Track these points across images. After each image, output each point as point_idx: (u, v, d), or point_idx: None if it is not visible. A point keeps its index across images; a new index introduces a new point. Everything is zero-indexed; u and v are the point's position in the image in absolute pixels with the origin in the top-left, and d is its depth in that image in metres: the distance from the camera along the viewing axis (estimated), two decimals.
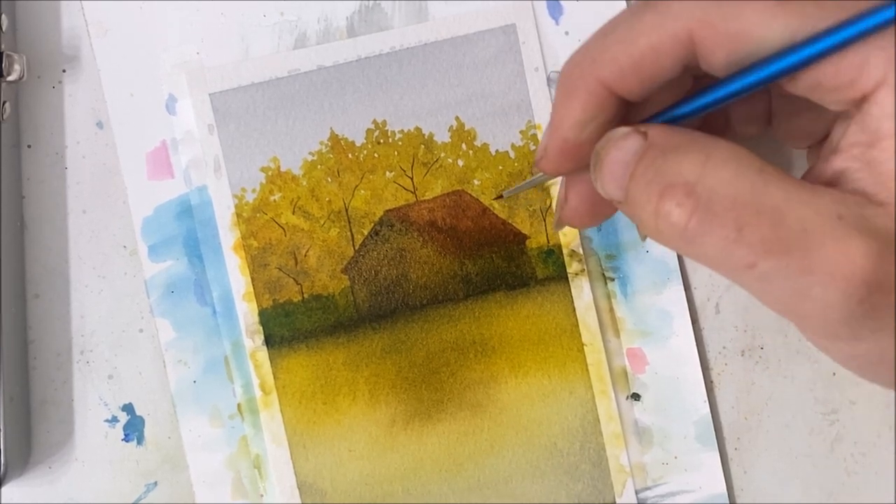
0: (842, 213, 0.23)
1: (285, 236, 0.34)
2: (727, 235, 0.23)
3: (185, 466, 0.34)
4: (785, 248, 0.23)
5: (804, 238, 0.22)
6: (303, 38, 0.34)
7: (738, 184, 0.23)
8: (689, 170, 0.23)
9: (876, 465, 0.36)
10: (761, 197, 0.23)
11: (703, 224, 0.23)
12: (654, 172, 0.24)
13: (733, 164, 0.23)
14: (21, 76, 0.32)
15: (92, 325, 0.34)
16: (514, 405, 0.34)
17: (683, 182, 0.23)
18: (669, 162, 0.24)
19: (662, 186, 0.24)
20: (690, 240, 0.24)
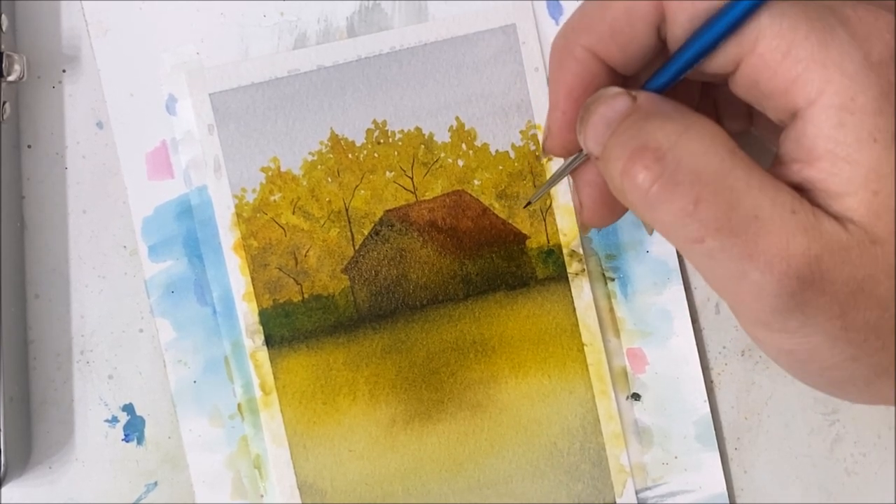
0: (796, 209, 0.23)
1: (285, 236, 0.34)
2: (684, 207, 0.24)
3: (185, 466, 0.34)
4: (734, 230, 0.23)
5: (754, 224, 0.23)
6: (303, 39, 0.34)
7: (707, 160, 0.24)
8: (664, 136, 0.24)
9: (876, 465, 0.36)
10: (724, 177, 0.23)
11: (664, 191, 0.24)
12: (633, 133, 0.25)
13: (707, 141, 0.24)
14: (21, 76, 0.32)
15: (92, 325, 0.34)
16: (514, 405, 0.34)
17: (656, 147, 0.24)
18: (649, 125, 0.25)
19: (635, 147, 0.24)
20: (650, 204, 0.24)
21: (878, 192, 0.23)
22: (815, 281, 0.23)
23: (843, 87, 0.23)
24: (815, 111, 0.23)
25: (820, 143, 0.23)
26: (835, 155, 0.23)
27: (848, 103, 0.23)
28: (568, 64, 0.26)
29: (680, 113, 0.25)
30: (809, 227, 0.23)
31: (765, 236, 0.23)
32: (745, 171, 0.24)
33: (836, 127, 0.23)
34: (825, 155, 0.23)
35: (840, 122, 0.23)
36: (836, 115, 0.23)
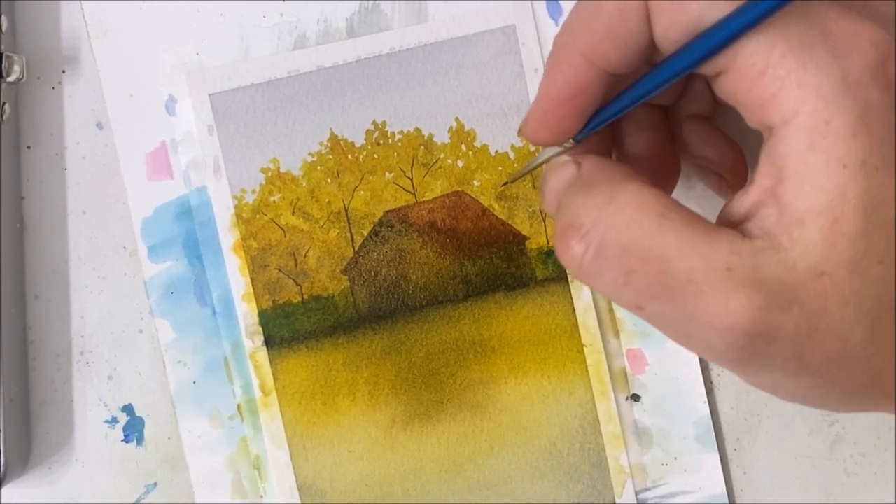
0: (732, 265, 0.23)
1: (285, 237, 0.34)
2: (616, 279, 0.24)
3: (184, 467, 0.34)
4: (669, 296, 0.23)
5: (689, 287, 0.23)
6: (302, 39, 0.34)
7: (632, 230, 0.24)
8: (587, 213, 0.25)
9: (876, 465, 0.36)
10: (653, 245, 0.24)
11: (594, 265, 0.24)
12: (564, 209, 0.25)
13: (633, 209, 0.24)
14: (21, 77, 0.32)
15: (92, 326, 0.34)
16: (513, 406, 0.34)
17: (579, 224, 0.25)
18: (577, 201, 0.25)
19: (564, 223, 0.25)
20: (585, 276, 0.25)
21: (839, 220, 0.22)
22: (760, 332, 0.23)
23: (818, 108, 0.22)
24: (789, 131, 0.23)
25: (790, 163, 0.23)
26: (802, 178, 0.23)
27: (821, 126, 0.22)
28: (562, 68, 0.26)
29: (609, 182, 0.25)
30: (748, 279, 0.23)
31: (702, 298, 0.23)
32: (675, 235, 0.23)
33: (807, 149, 0.22)
34: (793, 176, 0.23)
35: (811, 144, 0.22)
36: (809, 137, 0.22)
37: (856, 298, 0.23)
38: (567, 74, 0.26)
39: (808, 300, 0.23)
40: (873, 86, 0.22)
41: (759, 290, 0.23)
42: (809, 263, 0.23)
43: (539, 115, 0.27)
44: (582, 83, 0.26)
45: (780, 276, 0.23)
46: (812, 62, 0.22)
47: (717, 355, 0.24)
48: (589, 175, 0.26)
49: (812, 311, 0.23)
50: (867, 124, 0.22)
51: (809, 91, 0.22)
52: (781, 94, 0.23)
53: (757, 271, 0.23)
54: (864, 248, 0.22)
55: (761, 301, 0.23)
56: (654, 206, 0.24)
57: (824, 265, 0.22)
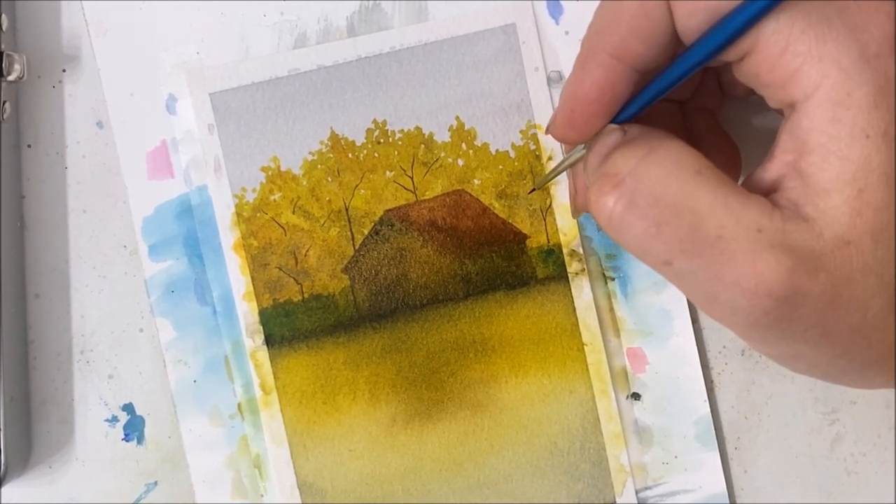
0: (763, 227, 0.23)
1: (285, 236, 0.34)
2: (646, 230, 0.24)
3: (185, 466, 0.34)
4: (698, 252, 0.23)
5: (719, 245, 0.23)
6: (303, 38, 0.34)
7: (667, 182, 0.24)
8: (624, 162, 0.25)
9: (876, 465, 0.36)
10: (686, 198, 0.24)
11: (625, 214, 0.24)
12: (604, 162, 0.25)
13: (670, 163, 0.24)
14: (21, 76, 0.32)
15: (92, 325, 0.34)
16: (514, 405, 0.34)
17: (615, 172, 0.25)
18: (616, 153, 0.25)
19: (601, 174, 0.25)
20: (616, 228, 0.25)
21: (864, 190, 0.23)
22: (788, 296, 0.23)
23: (839, 81, 0.23)
24: (811, 105, 0.23)
25: (813, 136, 0.23)
26: (826, 150, 0.23)
27: (843, 98, 0.23)
28: (590, 68, 0.26)
29: (649, 138, 0.25)
30: (777, 242, 0.23)
31: (730, 256, 0.23)
32: (709, 192, 0.24)
33: (831, 122, 0.23)
34: (817, 149, 0.23)
35: (834, 116, 0.23)
36: (832, 109, 0.23)
37: (878, 268, 0.23)
38: (596, 74, 0.26)
39: (833, 268, 0.23)
40: (892, 57, 0.23)
41: (787, 254, 0.23)
42: (836, 232, 0.23)
43: (567, 114, 0.27)
44: (610, 81, 0.26)
45: (808, 243, 0.23)
46: (831, 36, 0.23)
47: (741, 319, 0.24)
48: (632, 136, 0.26)
49: (837, 279, 0.23)
50: (888, 95, 0.23)
51: (830, 64, 0.23)
52: (803, 70, 0.23)
53: (786, 236, 0.23)
54: (887, 218, 0.23)
55: (790, 264, 0.23)
56: (692, 162, 0.24)
57: (850, 234, 0.23)
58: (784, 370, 0.35)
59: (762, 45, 0.23)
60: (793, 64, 0.23)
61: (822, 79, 0.23)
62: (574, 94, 0.27)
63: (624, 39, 0.25)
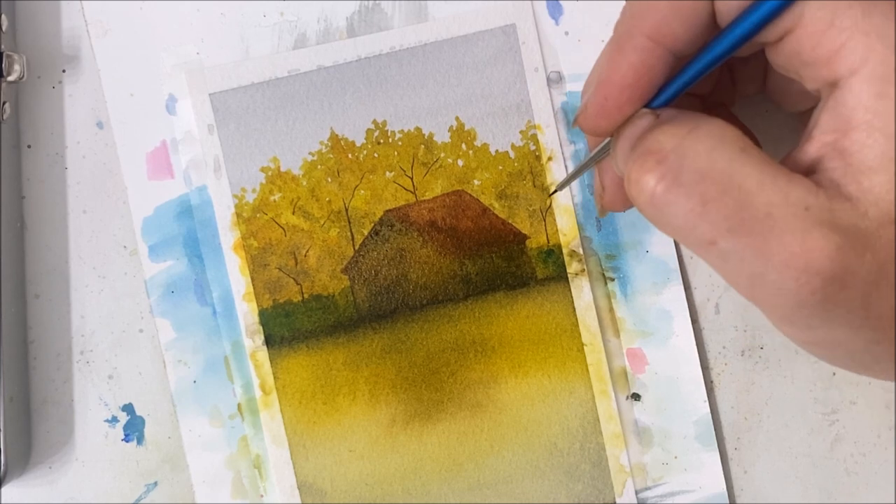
0: (810, 204, 0.23)
1: (285, 236, 0.34)
2: (692, 208, 0.23)
3: (185, 466, 0.34)
4: (746, 230, 0.23)
5: (767, 223, 0.23)
6: (303, 39, 0.34)
7: (713, 158, 0.23)
8: (667, 139, 0.24)
9: (876, 465, 0.36)
10: (733, 175, 0.23)
11: (669, 192, 0.24)
12: (642, 142, 0.25)
13: (715, 140, 0.24)
14: (21, 76, 0.32)
15: (92, 325, 0.34)
16: (514, 405, 0.34)
17: (658, 149, 0.24)
18: (657, 130, 0.24)
19: (641, 151, 0.24)
20: (658, 207, 0.24)
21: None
22: (836, 275, 0.23)
23: (886, 57, 0.22)
24: (857, 81, 0.23)
25: (859, 112, 0.23)
26: (871, 126, 0.23)
27: (890, 74, 0.22)
28: (626, 51, 0.25)
29: (689, 117, 0.25)
30: (825, 220, 0.23)
31: (779, 234, 0.23)
32: (755, 169, 0.23)
33: (876, 97, 0.22)
34: (862, 125, 0.23)
35: (880, 92, 0.22)
36: (878, 85, 0.22)
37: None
38: (632, 58, 0.25)
39: (880, 247, 0.23)
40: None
41: (835, 231, 0.22)
42: (882, 210, 0.22)
43: (600, 102, 0.26)
44: (647, 65, 0.25)
45: (854, 222, 0.23)
46: (877, 10, 0.22)
47: (787, 301, 0.23)
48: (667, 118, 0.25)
49: (883, 259, 0.23)
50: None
51: (876, 39, 0.22)
52: (848, 45, 0.23)
53: (833, 214, 0.23)
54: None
55: (838, 241, 0.22)
56: (737, 139, 0.24)
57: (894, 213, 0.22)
58: (784, 371, 0.35)
59: (806, 22, 0.23)
60: (838, 39, 0.23)
61: (869, 53, 0.22)
62: (609, 79, 0.26)
63: (664, 19, 0.25)
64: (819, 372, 0.36)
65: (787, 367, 0.36)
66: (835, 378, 0.36)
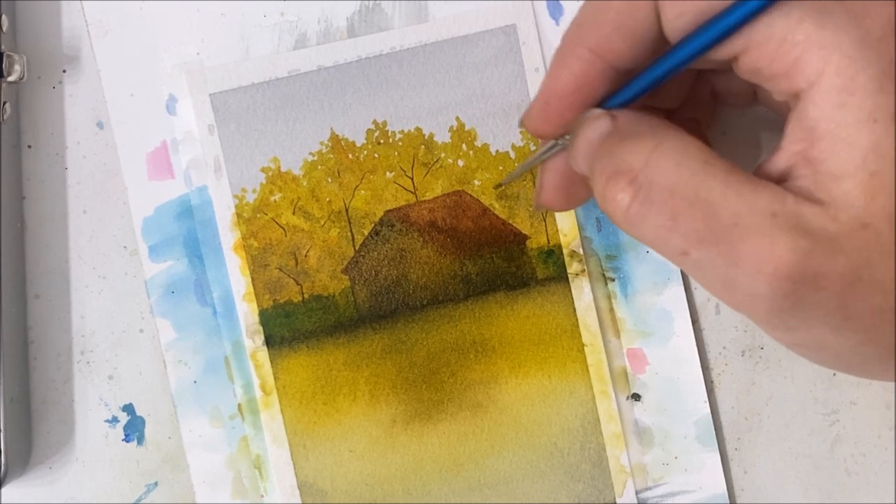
0: (776, 211, 0.23)
1: (286, 236, 0.34)
2: (663, 223, 0.24)
3: (185, 466, 0.34)
4: (715, 240, 0.24)
5: (734, 231, 0.23)
6: (303, 39, 0.34)
7: (679, 174, 0.24)
8: (635, 158, 0.25)
9: (876, 465, 0.36)
10: (699, 189, 0.24)
11: (641, 210, 0.24)
12: (608, 156, 0.25)
13: (678, 155, 0.24)
14: (21, 76, 0.32)
15: (92, 326, 0.34)
16: (514, 405, 0.34)
17: (628, 169, 0.24)
18: (623, 147, 0.25)
19: (611, 171, 0.25)
20: (631, 223, 0.25)
21: (876, 173, 0.23)
22: (806, 279, 0.23)
23: (842, 67, 0.22)
24: (816, 92, 0.23)
25: (821, 123, 0.23)
26: (835, 136, 0.23)
27: (848, 83, 0.22)
28: (570, 62, 0.26)
29: (652, 129, 0.25)
30: (792, 225, 0.23)
31: (747, 242, 0.23)
32: (720, 180, 0.24)
33: (837, 107, 0.23)
34: (826, 136, 0.23)
35: (840, 102, 0.23)
36: (837, 95, 0.23)
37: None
38: (573, 68, 0.26)
39: (852, 250, 0.23)
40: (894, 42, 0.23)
41: (804, 236, 0.23)
42: (852, 215, 0.23)
43: (541, 106, 0.27)
44: (587, 76, 0.26)
45: (824, 226, 0.23)
46: (830, 23, 0.22)
47: (762, 305, 0.24)
48: (628, 125, 0.26)
49: (856, 262, 0.23)
50: (893, 78, 0.22)
51: (831, 50, 0.22)
52: (804, 58, 0.23)
53: (801, 219, 0.23)
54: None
55: (807, 246, 0.23)
56: (699, 153, 0.24)
57: (867, 217, 0.23)
58: (784, 371, 0.35)
59: (759, 40, 0.23)
60: (793, 53, 0.23)
61: (825, 65, 0.23)
62: (551, 87, 0.27)
63: (607, 36, 0.25)
64: (819, 372, 0.36)
65: (787, 367, 0.36)
66: (835, 378, 0.36)
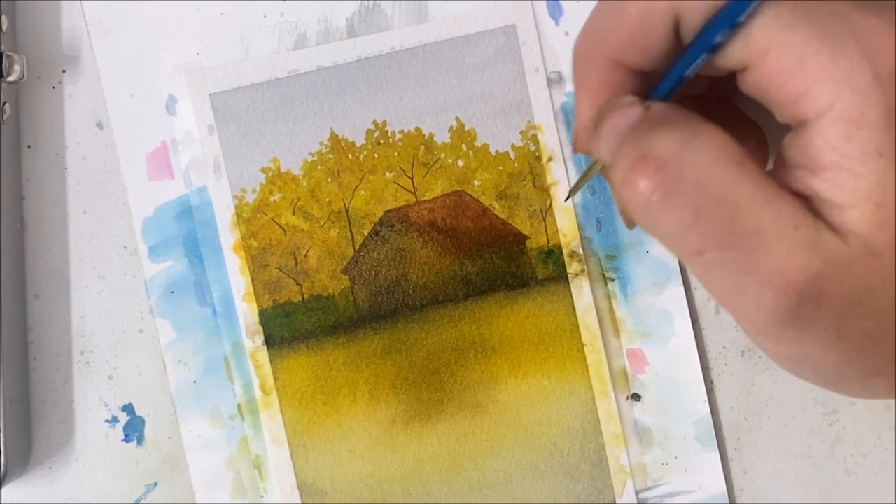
0: (799, 223, 0.23)
1: (285, 237, 0.34)
2: (684, 218, 0.24)
3: (185, 467, 0.34)
4: (734, 244, 0.23)
5: (755, 238, 0.23)
6: (303, 39, 0.34)
7: (712, 170, 0.23)
8: (667, 145, 0.24)
9: (876, 465, 0.36)
10: (729, 188, 0.23)
11: (663, 201, 0.24)
12: (638, 142, 0.25)
13: (714, 151, 0.24)
14: (21, 76, 0.32)
15: (92, 326, 0.34)
16: (514, 405, 0.34)
17: (658, 155, 0.24)
18: (654, 134, 0.24)
19: (638, 155, 0.24)
20: (650, 214, 0.24)
21: (881, 205, 0.23)
22: (813, 297, 0.23)
23: (853, 102, 0.23)
24: (824, 123, 0.23)
25: (826, 154, 0.23)
26: (840, 167, 0.23)
27: (857, 118, 0.23)
28: (590, 73, 0.26)
29: (688, 121, 0.25)
30: (811, 242, 0.23)
31: (765, 252, 0.23)
32: (751, 184, 0.23)
33: (844, 140, 0.23)
34: (831, 166, 0.23)
35: (848, 135, 0.23)
36: (845, 128, 0.23)
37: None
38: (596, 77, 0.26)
39: (860, 276, 0.23)
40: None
41: (819, 256, 0.23)
42: (861, 242, 0.23)
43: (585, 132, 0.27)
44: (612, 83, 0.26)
45: (838, 248, 0.23)
46: (845, 57, 0.23)
47: (764, 314, 0.24)
48: (661, 114, 0.25)
49: (860, 287, 0.23)
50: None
51: (844, 86, 0.23)
52: (816, 89, 0.23)
53: (819, 237, 0.23)
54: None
55: (819, 266, 0.23)
56: (735, 151, 0.24)
57: (875, 246, 0.23)
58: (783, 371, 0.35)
59: (773, 60, 0.23)
60: (806, 82, 0.23)
61: (836, 99, 0.23)
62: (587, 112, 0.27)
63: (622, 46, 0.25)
64: None
65: None
66: None
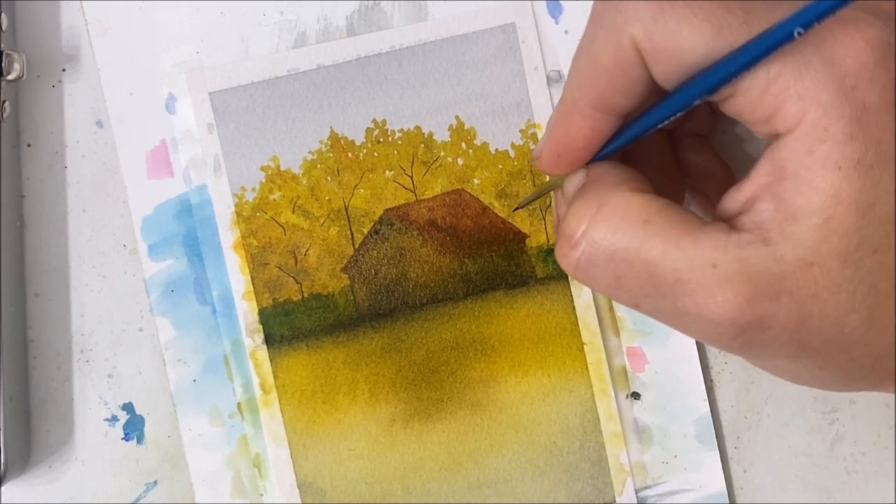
0: (717, 261, 0.24)
1: (285, 235, 0.34)
2: (608, 283, 0.26)
3: (184, 465, 0.34)
4: (660, 294, 0.25)
5: (677, 287, 0.25)
6: (302, 38, 0.34)
7: (618, 238, 0.25)
8: (576, 223, 0.26)
9: (876, 464, 0.36)
10: (638, 250, 0.25)
11: (588, 271, 0.26)
12: (565, 216, 0.27)
13: (618, 218, 0.26)
14: (21, 75, 0.32)
15: (92, 325, 0.34)
16: (513, 404, 0.34)
17: (570, 234, 0.26)
18: (572, 209, 0.27)
19: (560, 233, 0.27)
20: (581, 280, 0.27)
21: (831, 218, 0.23)
22: (752, 323, 0.24)
23: (817, 117, 0.23)
24: (791, 138, 0.24)
25: (790, 165, 0.24)
26: (799, 178, 0.24)
27: (820, 133, 0.23)
28: (574, 120, 0.27)
29: (600, 190, 0.26)
30: (734, 273, 0.24)
31: (691, 295, 0.24)
32: (661, 238, 0.25)
33: (806, 154, 0.24)
34: (791, 176, 0.24)
35: (810, 149, 0.23)
36: (808, 143, 0.24)
37: (849, 286, 0.24)
38: (581, 126, 0.27)
39: (797, 289, 0.24)
40: (871, 86, 0.23)
41: (745, 283, 0.24)
42: (798, 255, 0.24)
43: (553, 158, 0.28)
44: (596, 132, 0.27)
45: (768, 268, 0.24)
46: (808, 74, 0.23)
47: (715, 343, 0.26)
48: (590, 181, 0.27)
49: (802, 299, 0.24)
50: (864, 126, 0.23)
51: (809, 102, 0.23)
52: (784, 108, 0.24)
53: (743, 264, 0.24)
54: (857, 241, 0.24)
55: (748, 293, 0.24)
56: (640, 211, 0.25)
57: (814, 257, 0.24)
58: None
59: (742, 90, 0.24)
60: (773, 103, 0.24)
61: (803, 115, 0.23)
62: (559, 141, 0.28)
63: (603, 94, 0.26)
64: None
65: None
66: None
